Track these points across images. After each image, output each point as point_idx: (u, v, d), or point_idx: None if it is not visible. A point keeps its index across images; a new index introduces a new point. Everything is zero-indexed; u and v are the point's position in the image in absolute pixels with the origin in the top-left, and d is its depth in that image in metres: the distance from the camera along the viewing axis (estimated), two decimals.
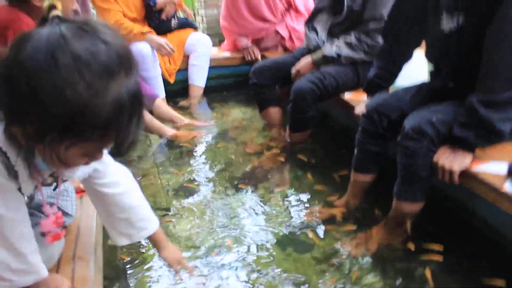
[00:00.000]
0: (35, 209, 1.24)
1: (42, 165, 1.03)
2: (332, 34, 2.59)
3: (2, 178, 0.96)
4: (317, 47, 2.64)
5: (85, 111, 0.79)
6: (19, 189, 1.02)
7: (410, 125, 1.63)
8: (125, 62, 0.84)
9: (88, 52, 0.79)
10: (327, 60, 2.51)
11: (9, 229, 1.00)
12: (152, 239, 1.50)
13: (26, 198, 1.07)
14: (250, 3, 3.34)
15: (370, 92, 2.14)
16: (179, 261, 1.57)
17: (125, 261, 1.72)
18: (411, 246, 1.72)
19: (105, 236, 1.52)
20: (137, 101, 0.86)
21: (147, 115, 2.63)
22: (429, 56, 1.91)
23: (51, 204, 1.16)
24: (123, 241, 1.40)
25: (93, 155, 0.92)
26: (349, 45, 2.46)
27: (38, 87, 0.78)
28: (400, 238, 1.78)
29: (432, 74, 1.93)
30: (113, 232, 1.38)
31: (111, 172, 1.27)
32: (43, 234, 1.14)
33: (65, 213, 1.27)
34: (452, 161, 1.56)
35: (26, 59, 0.79)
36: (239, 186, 2.28)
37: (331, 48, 2.50)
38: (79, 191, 1.56)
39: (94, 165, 1.18)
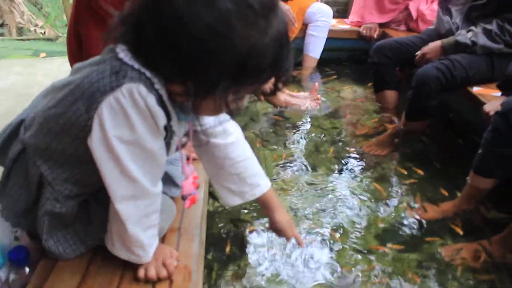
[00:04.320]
0: None
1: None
2: (469, 18, 2.34)
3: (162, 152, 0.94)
4: (449, 32, 2.41)
5: (253, 53, 0.78)
6: None
7: None
8: None
9: None
10: (459, 47, 2.28)
11: (156, 205, 1.01)
12: (263, 200, 1.35)
13: None
14: None
15: (507, 89, 1.91)
16: (292, 228, 1.41)
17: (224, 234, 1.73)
18: None
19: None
20: (287, 34, 0.84)
21: None
22: None
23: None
24: (235, 201, 1.31)
25: (245, 96, 0.91)
26: (488, 33, 2.21)
27: (203, 38, 0.76)
28: None
29: None
30: (224, 192, 1.29)
31: (221, 120, 1.20)
32: (184, 198, 1.14)
33: (173, 184, 1.26)
34: None
35: (184, 15, 0.77)
36: (342, 170, 2.19)
37: (466, 34, 2.26)
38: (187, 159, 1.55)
39: None
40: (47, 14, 7.38)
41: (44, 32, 6.15)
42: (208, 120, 1.14)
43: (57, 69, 3.84)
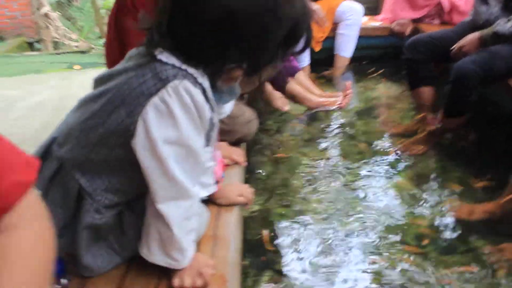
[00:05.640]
0: None
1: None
2: (509, 8, 2.24)
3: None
4: (487, 22, 2.31)
5: (298, 23, 0.91)
6: None
7: None
8: None
9: None
10: (498, 38, 2.19)
11: (195, 207, 1.02)
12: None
13: None
14: None
15: None
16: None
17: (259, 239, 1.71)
18: None
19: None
20: None
21: (291, 84, 2.58)
22: None
23: None
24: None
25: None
26: None
27: (260, 20, 0.86)
28: None
29: None
30: None
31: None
32: (216, 182, 1.17)
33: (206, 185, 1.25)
34: None
35: (236, 8, 0.84)
36: (378, 170, 2.13)
37: (506, 24, 2.17)
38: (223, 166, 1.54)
39: None
40: (80, 27, 7.58)
41: (78, 46, 6.32)
42: (225, 109, 1.17)
43: (90, 80, 3.91)
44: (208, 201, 1.28)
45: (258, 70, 0.95)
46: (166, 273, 1.03)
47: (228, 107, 1.14)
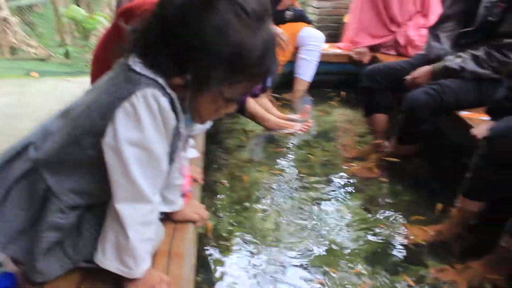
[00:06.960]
0: None
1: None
2: (458, 45, 2.39)
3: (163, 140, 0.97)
4: (439, 57, 2.45)
5: (244, 49, 0.89)
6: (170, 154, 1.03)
7: None
8: (267, 10, 0.93)
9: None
10: (448, 72, 2.31)
11: (154, 215, 1.03)
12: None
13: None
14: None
15: (494, 115, 1.93)
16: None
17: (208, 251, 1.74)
18: None
19: None
20: (274, 42, 0.97)
21: (252, 104, 2.62)
22: None
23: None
24: (163, 209, 1.27)
25: (234, 102, 1.01)
26: (476, 59, 2.24)
27: (201, 30, 0.88)
28: (499, 282, 1.60)
29: None
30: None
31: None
32: (183, 195, 1.19)
33: (171, 202, 1.26)
34: None
35: (184, 8, 0.89)
36: (331, 192, 2.20)
37: (455, 60, 2.30)
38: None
39: None
40: (40, 34, 7.40)
41: (37, 53, 6.17)
42: (198, 127, 1.18)
43: (50, 89, 3.83)
44: (164, 216, 1.29)
45: (201, 85, 0.93)
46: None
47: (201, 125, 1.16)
